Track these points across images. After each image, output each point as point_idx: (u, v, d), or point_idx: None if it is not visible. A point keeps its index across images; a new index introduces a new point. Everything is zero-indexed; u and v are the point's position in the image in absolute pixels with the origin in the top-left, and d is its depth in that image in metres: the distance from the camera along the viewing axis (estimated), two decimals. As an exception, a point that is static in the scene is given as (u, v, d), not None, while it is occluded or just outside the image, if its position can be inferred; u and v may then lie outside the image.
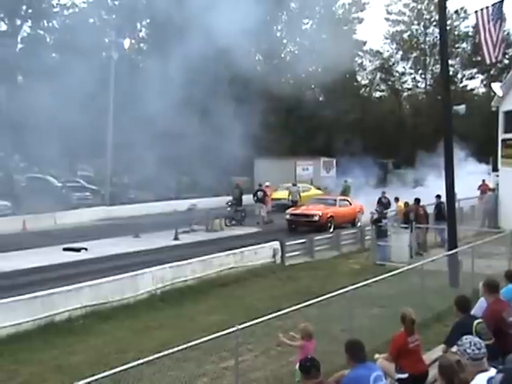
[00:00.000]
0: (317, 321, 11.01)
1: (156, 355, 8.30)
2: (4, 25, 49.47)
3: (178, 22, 38.43)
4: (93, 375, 7.42)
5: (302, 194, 39.28)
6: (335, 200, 33.09)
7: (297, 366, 8.95)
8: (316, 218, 30.40)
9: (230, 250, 22.20)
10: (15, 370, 12.27)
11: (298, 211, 31.98)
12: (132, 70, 44.46)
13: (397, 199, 29.75)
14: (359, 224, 31.40)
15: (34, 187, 46.16)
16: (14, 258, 23.22)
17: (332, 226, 30.15)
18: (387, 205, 29.82)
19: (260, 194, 35.70)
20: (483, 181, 37.56)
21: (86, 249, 25.33)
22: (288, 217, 31.63)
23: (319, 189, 43.91)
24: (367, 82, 73.27)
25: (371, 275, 14.56)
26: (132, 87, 40.12)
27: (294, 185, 41.05)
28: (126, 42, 45.20)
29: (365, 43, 70.53)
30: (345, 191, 39.23)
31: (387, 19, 71.60)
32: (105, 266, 21.28)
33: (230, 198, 35.37)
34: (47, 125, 35.86)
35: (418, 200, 26.10)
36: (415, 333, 9.22)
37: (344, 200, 33.64)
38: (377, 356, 9.42)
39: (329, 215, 30.73)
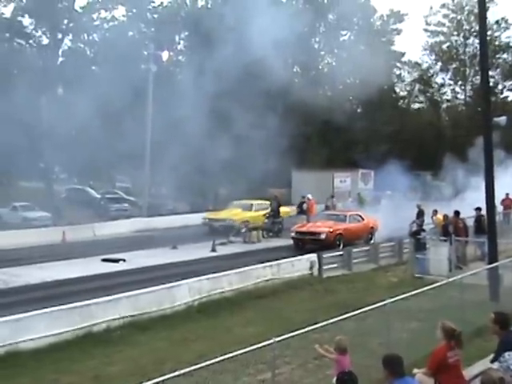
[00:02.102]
0: (354, 334, 10.93)
1: (193, 367, 8.32)
2: (46, 38, 50.30)
3: (215, 34, 38.68)
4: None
5: (260, 213, 34.99)
6: (345, 216, 30.94)
7: (334, 379, 8.90)
8: (323, 236, 28.35)
9: (267, 261, 22.16)
10: (56, 379, 12.41)
11: (303, 228, 29.94)
12: (170, 83, 44.83)
13: (435, 212, 29.41)
14: (372, 241, 29.87)
15: (73, 198, 46.88)
16: (54, 269, 23.53)
17: (341, 244, 28.13)
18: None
19: (305, 205, 35.45)
20: (507, 194, 36.35)
21: (124, 260, 25.55)
22: (293, 235, 29.63)
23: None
24: (405, 93, 72.85)
25: (409, 288, 14.41)
26: (170, 99, 40.41)
27: (332, 196, 40.63)
28: (165, 55, 45.57)
29: (403, 54, 70.27)
30: (360, 203, 38.61)
31: (426, 30, 71.18)
32: (142, 277, 21.41)
33: (268, 210, 35.28)
34: (87, 136, 36.35)
35: (457, 212, 25.78)
36: (456, 347, 9.05)
37: (356, 215, 31.49)
38: (415, 371, 9.26)
39: (337, 232, 28.81)
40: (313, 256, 23.52)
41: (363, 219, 31.18)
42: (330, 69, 61.13)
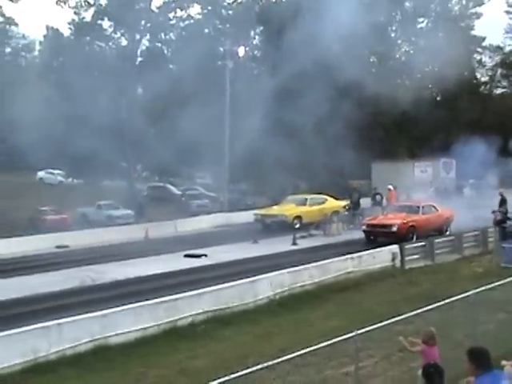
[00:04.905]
0: (438, 326, 10.74)
1: (276, 360, 8.37)
2: (124, 40, 51.46)
3: (290, 27, 38.60)
4: (215, 379, 7.58)
5: (315, 207, 34.20)
6: (418, 207, 29.77)
7: (419, 371, 8.78)
8: (394, 229, 27.47)
9: (348, 254, 22.04)
10: (143, 372, 12.68)
11: (375, 221, 29.10)
12: (247, 78, 45.09)
13: (520, 199, 28.56)
14: (447, 233, 28.86)
15: (155, 196, 47.85)
16: (138, 265, 24.05)
17: (414, 237, 27.30)
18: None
19: (378, 197, 35.07)
20: None
21: (206, 255, 25.85)
22: (365, 228, 28.91)
23: (338, 199, 36.31)
24: (487, 78, 70.86)
25: (496, 279, 14.08)
26: (246, 94, 40.65)
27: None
28: (241, 50, 45.86)
29: (484, 39, 68.31)
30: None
31: (508, 12, 69.00)
32: (224, 271, 21.60)
33: (348, 202, 34.96)
34: (167, 134, 36.94)
35: (544, 200, 25.01)
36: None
37: (429, 206, 30.11)
38: (504, 363, 8.99)
39: (410, 224, 27.95)
40: (394, 247, 23.22)
41: (437, 210, 30.10)
42: (407, 58, 60.12)
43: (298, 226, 32.80)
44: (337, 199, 36.22)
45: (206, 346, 14.22)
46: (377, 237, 28.11)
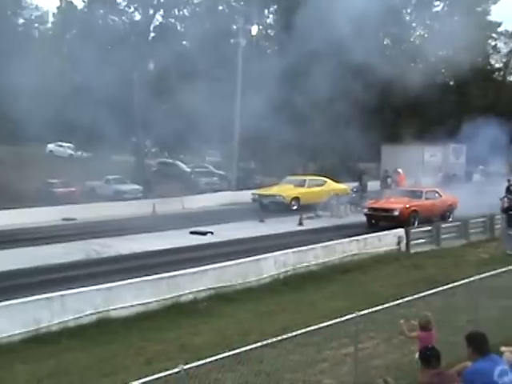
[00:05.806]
0: (441, 310, 10.73)
1: (277, 338, 8.36)
2: (138, 14, 51.25)
3: (304, 7, 38.30)
4: (215, 355, 7.56)
5: (314, 189, 34.28)
6: (421, 192, 29.67)
7: (416, 355, 8.77)
8: (396, 213, 27.24)
9: (354, 236, 21.99)
10: (142, 347, 12.69)
11: (377, 205, 28.89)
12: (259, 56, 44.81)
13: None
14: (450, 219, 28.64)
15: (164, 172, 47.87)
16: (143, 240, 24.08)
17: (416, 222, 27.15)
18: None
19: (389, 180, 34.95)
20: None
21: (211, 232, 25.86)
22: (366, 211, 28.81)
23: (339, 182, 36.54)
24: (501, 65, 70.30)
25: (500, 265, 14.03)
26: (259, 73, 40.42)
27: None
28: (254, 29, 45.53)
29: (500, 24, 67.68)
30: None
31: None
32: (229, 249, 21.62)
33: (356, 184, 34.95)
34: (178, 111, 36.84)
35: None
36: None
37: (433, 192, 30.06)
38: (503, 349, 8.98)
39: (412, 209, 27.74)
40: (400, 231, 23.17)
41: (441, 196, 29.97)
42: (421, 41, 59.62)
43: (295, 207, 32.72)
44: (338, 182, 36.06)
45: (207, 323, 14.25)
46: (378, 220, 28.09)
